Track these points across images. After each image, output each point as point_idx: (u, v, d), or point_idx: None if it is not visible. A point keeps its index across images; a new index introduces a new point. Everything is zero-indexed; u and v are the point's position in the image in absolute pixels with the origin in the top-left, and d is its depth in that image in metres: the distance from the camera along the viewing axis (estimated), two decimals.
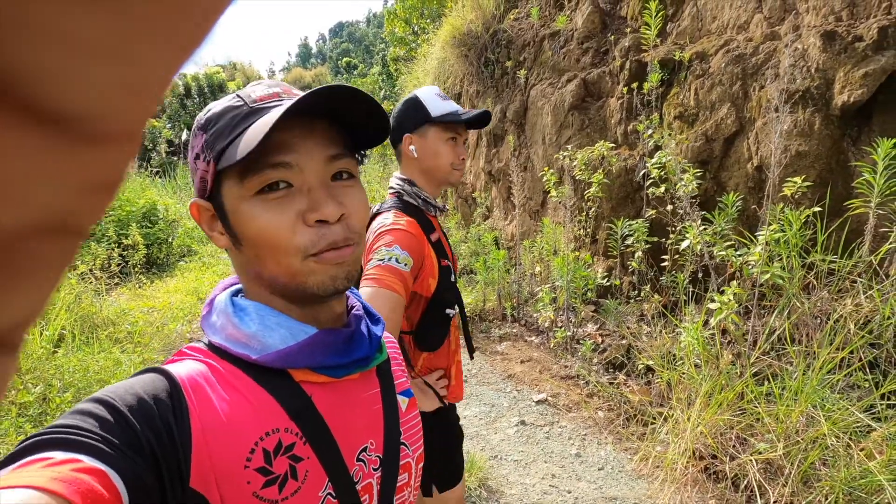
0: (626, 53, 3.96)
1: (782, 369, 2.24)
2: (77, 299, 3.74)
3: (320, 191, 0.51)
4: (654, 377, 2.79)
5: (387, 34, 14.40)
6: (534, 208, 4.88)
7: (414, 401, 0.66)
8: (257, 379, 0.50)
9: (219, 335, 0.52)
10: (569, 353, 3.49)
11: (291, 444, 0.49)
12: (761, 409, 2.07)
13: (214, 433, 0.45)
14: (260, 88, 0.54)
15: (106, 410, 0.41)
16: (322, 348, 0.52)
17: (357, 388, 0.57)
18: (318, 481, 0.50)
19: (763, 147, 2.90)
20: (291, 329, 0.52)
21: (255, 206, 0.50)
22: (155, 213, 7.78)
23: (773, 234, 2.32)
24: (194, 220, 0.54)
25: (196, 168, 0.53)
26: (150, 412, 0.43)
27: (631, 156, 3.71)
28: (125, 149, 0.11)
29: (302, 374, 0.52)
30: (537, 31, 5.10)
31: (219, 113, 0.52)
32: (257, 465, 0.47)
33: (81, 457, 0.36)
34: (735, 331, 2.46)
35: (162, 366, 0.49)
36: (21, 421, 2.22)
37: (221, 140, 0.50)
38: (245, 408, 0.48)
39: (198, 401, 0.46)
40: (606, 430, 2.64)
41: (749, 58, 3.07)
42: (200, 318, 0.56)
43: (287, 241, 0.49)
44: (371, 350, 0.57)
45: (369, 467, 0.56)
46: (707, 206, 3.10)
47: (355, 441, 0.55)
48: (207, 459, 0.44)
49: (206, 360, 0.51)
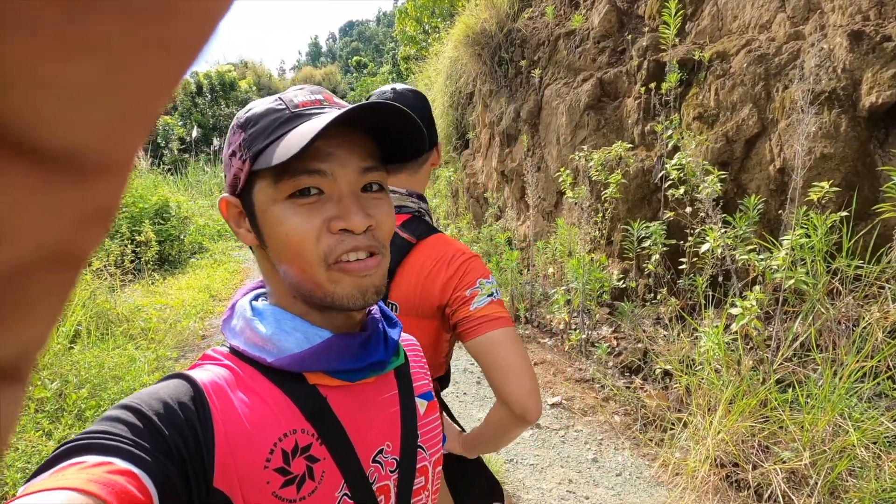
0: (643, 53, 3.91)
1: (807, 376, 2.19)
2: (92, 295, 3.76)
3: (350, 200, 0.51)
4: (672, 382, 2.75)
5: (397, 33, 14.39)
6: (547, 209, 4.84)
7: (434, 404, 0.65)
8: (274, 381, 0.51)
9: (238, 339, 0.53)
10: (583, 355, 3.45)
11: (308, 444, 0.50)
12: (785, 417, 2.02)
13: (236, 435, 0.47)
14: (302, 94, 0.54)
15: (134, 416, 0.42)
16: (337, 352, 0.52)
17: (373, 390, 0.57)
18: (334, 482, 0.51)
19: (787, 149, 2.85)
20: (307, 333, 0.52)
21: (286, 209, 0.50)
22: (167, 210, 7.82)
23: (797, 239, 2.27)
24: (222, 215, 0.55)
25: (230, 165, 0.53)
26: (176, 417, 0.44)
27: (648, 157, 3.66)
28: (118, 179, 0.11)
29: (317, 378, 0.53)
30: (552, 30, 5.05)
31: (260, 114, 0.52)
32: (276, 465, 0.48)
33: (114, 460, 0.37)
34: (757, 336, 2.41)
35: (185, 372, 0.50)
36: (39, 417, 2.22)
37: (259, 141, 0.51)
38: (264, 410, 0.49)
39: (220, 404, 0.47)
40: (623, 436, 2.60)
41: (772, 58, 3.01)
42: (222, 322, 0.57)
43: (311, 248, 0.50)
44: (387, 354, 0.57)
45: (386, 469, 0.56)
46: (727, 208, 3.04)
47: (371, 443, 0.55)
48: (230, 460, 0.45)
49: (228, 363, 0.52)
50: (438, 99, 7.45)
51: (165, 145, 18.50)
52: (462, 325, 0.93)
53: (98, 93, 0.10)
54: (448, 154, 7.34)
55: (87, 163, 0.10)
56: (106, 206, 0.11)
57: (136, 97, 0.10)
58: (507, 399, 0.89)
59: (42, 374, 2.52)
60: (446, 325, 0.99)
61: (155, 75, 0.10)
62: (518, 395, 0.88)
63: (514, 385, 0.88)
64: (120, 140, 0.10)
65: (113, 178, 0.11)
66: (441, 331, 1.01)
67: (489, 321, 0.91)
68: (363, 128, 0.52)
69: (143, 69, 0.10)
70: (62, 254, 0.11)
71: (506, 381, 0.89)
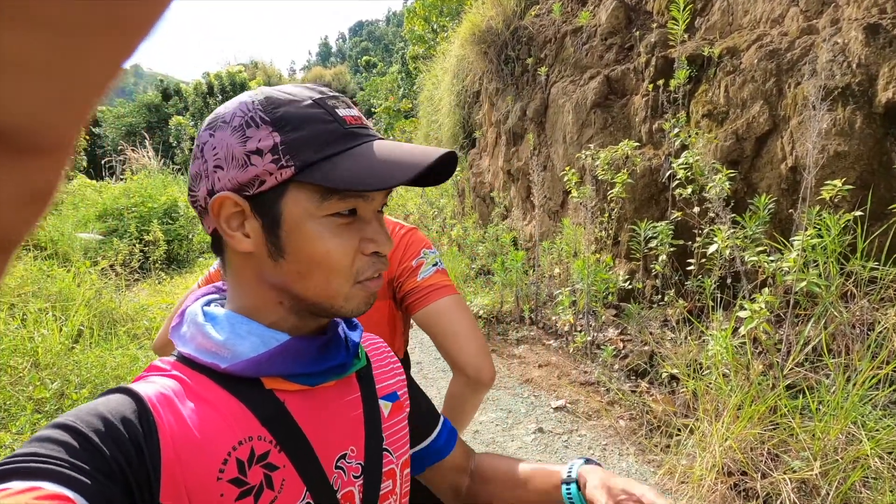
0: (651, 49, 3.83)
1: (819, 382, 2.12)
2: (97, 295, 3.78)
3: (377, 222, 0.52)
4: (679, 386, 2.68)
5: (406, 32, 14.37)
6: (553, 208, 4.78)
7: (399, 404, 0.64)
8: (227, 388, 0.49)
9: (188, 346, 0.51)
10: (588, 358, 3.39)
11: (265, 452, 0.48)
12: (796, 425, 1.95)
13: (185, 447, 0.44)
14: (342, 107, 0.51)
15: (69, 435, 0.39)
16: (294, 356, 0.51)
17: (334, 394, 0.55)
18: (295, 490, 0.49)
19: (799, 147, 2.76)
20: (262, 336, 0.50)
21: (326, 227, 0.49)
22: (176, 210, 7.87)
23: (809, 240, 2.19)
24: (211, 211, 0.49)
25: (247, 163, 0.47)
26: (117, 433, 0.41)
27: (656, 155, 3.59)
28: (57, 160, 0.11)
29: (274, 382, 0.51)
30: (559, 28, 4.98)
31: (299, 117, 0.48)
32: (230, 476, 0.45)
33: (43, 483, 0.35)
34: (767, 340, 2.34)
35: (128, 385, 0.47)
36: (37, 417, 2.22)
37: (308, 151, 0.47)
38: (215, 418, 0.47)
39: (167, 416, 0.45)
40: (628, 441, 2.54)
41: (784, 53, 2.92)
42: (170, 329, 0.54)
43: (346, 268, 0.50)
44: (348, 357, 0.55)
45: (349, 475, 0.54)
46: (737, 208, 2.96)
47: (333, 448, 0.53)
48: (179, 475, 0.43)
49: (175, 373, 0.50)
50: (445, 98, 7.41)
51: (177, 145, 18.68)
52: (410, 296, 0.96)
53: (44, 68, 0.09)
54: None
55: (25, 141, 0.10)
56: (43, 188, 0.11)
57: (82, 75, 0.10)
58: (459, 361, 0.93)
59: (42, 374, 2.52)
60: (397, 303, 1.02)
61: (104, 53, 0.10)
62: (469, 356, 0.92)
63: (465, 348, 0.92)
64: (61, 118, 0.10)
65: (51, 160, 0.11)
66: (394, 309, 1.02)
67: (436, 290, 0.94)
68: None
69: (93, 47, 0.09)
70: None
71: (457, 346, 0.93)
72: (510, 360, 3.68)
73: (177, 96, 22.99)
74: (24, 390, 2.36)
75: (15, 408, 2.22)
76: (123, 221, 7.19)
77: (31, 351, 2.62)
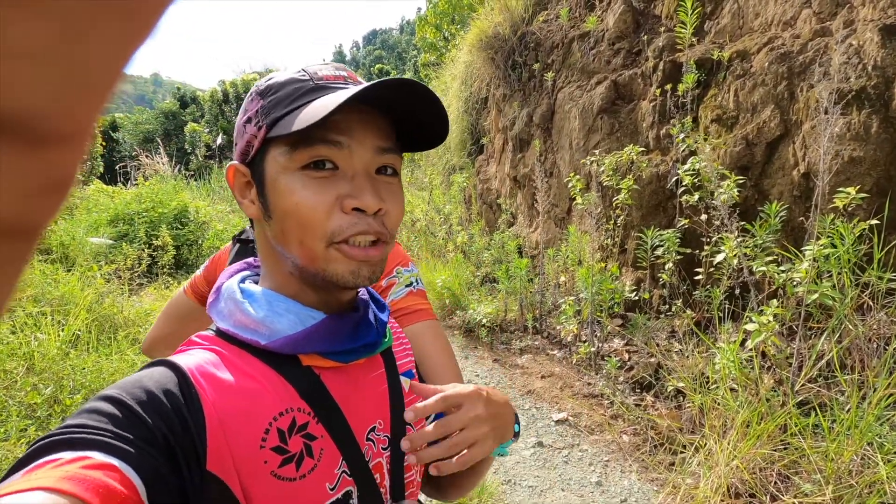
0: (659, 54, 3.75)
1: (832, 400, 2.00)
2: (100, 299, 3.78)
3: (364, 179, 0.50)
4: (685, 401, 2.57)
5: (418, 40, 14.45)
6: (559, 215, 4.70)
7: (415, 381, 0.64)
8: (267, 362, 0.51)
9: (227, 321, 0.52)
10: (592, 369, 3.29)
11: (305, 423, 0.50)
12: (807, 445, 1.84)
13: (229, 416, 0.46)
14: (326, 68, 0.53)
15: (115, 407, 0.41)
16: (331, 334, 0.52)
17: (364, 370, 0.57)
18: (332, 459, 0.51)
19: (811, 152, 2.65)
20: (300, 315, 0.51)
21: (297, 180, 0.49)
22: (186, 215, 7.94)
23: (822, 250, 2.09)
24: (228, 183, 0.55)
25: (244, 132, 0.52)
26: (161, 405, 0.42)
27: (663, 161, 3.50)
28: (75, 148, 0.11)
29: (311, 359, 0.52)
30: (566, 33, 4.93)
31: (281, 83, 0.52)
32: (273, 444, 0.47)
33: (91, 454, 0.35)
34: (777, 354, 2.23)
35: (169, 358, 0.48)
36: (26, 423, 2.20)
37: (278, 109, 0.50)
38: (257, 389, 0.48)
39: (209, 387, 0.46)
40: (631, 457, 2.44)
41: (796, 56, 2.83)
42: (208, 304, 0.56)
43: (319, 223, 0.49)
44: (378, 336, 0.57)
45: (378, 447, 0.56)
46: (747, 215, 2.86)
47: (364, 421, 0.55)
48: (224, 443, 0.44)
49: (214, 346, 0.51)
50: (454, 104, 7.38)
51: (192, 151, 18.95)
52: None
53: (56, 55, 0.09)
54: (462, 159, 7.26)
55: (41, 131, 0.10)
56: (61, 177, 0.11)
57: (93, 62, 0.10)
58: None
59: (36, 379, 2.51)
60: None
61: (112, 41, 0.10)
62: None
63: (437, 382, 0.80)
64: (76, 107, 0.10)
65: (69, 148, 0.11)
66: None
67: (406, 314, 0.84)
68: (383, 109, 0.52)
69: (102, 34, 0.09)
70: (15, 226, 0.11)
71: (428, 380, 0.80)
72: (512, 370, 3.59)
73: (193, 104, 23.39)
74: (17, 395, 2.34)
75: (3, 413, 2.20)
76: (134, 226, 7.26)
77: (25, 355, 2.61)
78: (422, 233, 7.03)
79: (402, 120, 0.53)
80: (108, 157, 18.43)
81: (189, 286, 1.02)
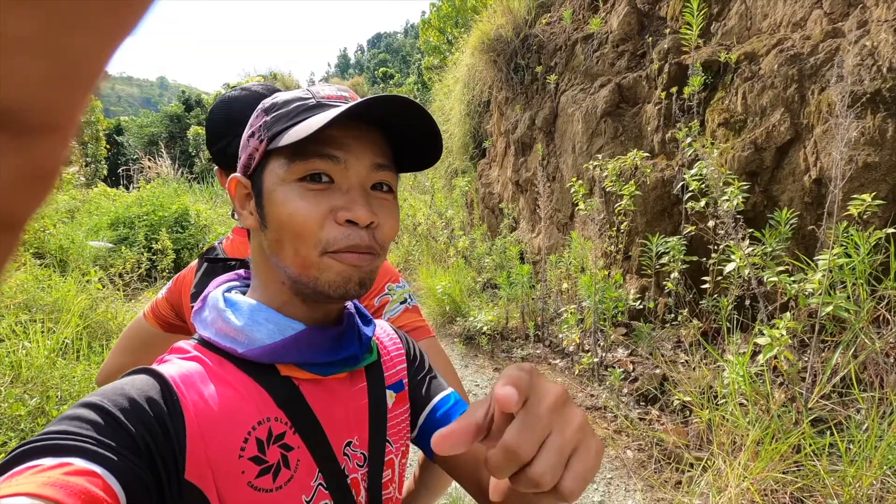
0: (664, 56, 3.66)
1: (848, 419, 1.90)
2: (94, 304, 3.72)
3: (358, 193, 0.51)
4: (692, 416, 2.47)
5: (422, 43, 14.42)
6: (562, 221, 4.61)
7: (403, 395, 0.63)
8: (246, 371, 0.50)
9: (209, 330, 0.53)
10: (595, 380, 3.19)
11: (282, 433, 0.49)
12: (822, 468, 1.74)
13: (208, 424, 0.45)
14: (329, 88, 0.55)
15: (96, 413, 0.41)
16: (309, 345, 0.52)
17: (345, 383, 0.56)
18: (309, 471, 0.50)
19: (823, 157, 2.56)
20: (279, 324, 0.52)
21: (294, 191, 0.50)
22: (187, 219, 7.89)
23: (836, 259, 1.99)
24: (230, 195, 0.56)
25: (247, 145, 0.54)
26: (143, 412, 0.42)
27: (668, 166, 3.40)
28: (60, 139, 0.11)
29: (288, 370, 0.52)
30: (570, 35, 4.85)
31: (285, 101, 0.54)
32: (251, 454, 0.47)
33: (72, 460, 0.36)
34: (789, 368, 2.13)
35: (151, 366, 0.48)
36: (8, 435, 2.13)
37: (280, 124, 0.51)
38: (236, 399, 0.48)
39: (190, 395, 0.46)
40: (636, 475, 2.34)
41: (806, 58, 2.74)
42: (193, 313, 0.56)
43: (312, 233, 0.49)
44: (360, 349, 0.56)
45: (353, 462, 0.55)
46: (756, 222, 2.76)
47: (341, 435, 0.54)
48: (203, 452, 0.44)
49: (196, 354, 0.51)
50: (456, 107, 7.31)
51: (196, 154, 18.97)
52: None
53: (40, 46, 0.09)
54: (464, 163, 7.18)
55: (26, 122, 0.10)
56: (47, 168, 0.11)
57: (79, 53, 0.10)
58: None
59: (22, 390, 2.44)
60: None
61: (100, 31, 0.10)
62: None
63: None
64: (62, 97, 0.10)
65: (54, 138, 0.11)
66: None
67: (417, 328, 0.83)
68: (380, 126, 0.53)
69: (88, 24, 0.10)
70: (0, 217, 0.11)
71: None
72: None
73: (198, 107, 23.45)
74: (0, 406, 2.27)
75: None
76: (134, 230, 7.21)
77: (12, 364, 2.54)
78: (423, 237, 6.96)
79: (398, 139, 0.54)
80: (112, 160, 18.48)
81: (150, 311, 0.95)
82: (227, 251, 0.92)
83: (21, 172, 0.10)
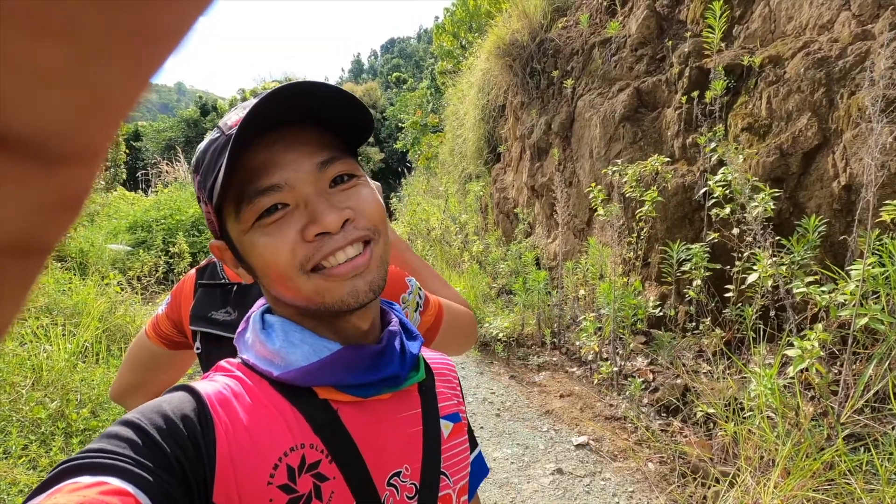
0: (685, 60, 3.61)
1: (885, 435, 1.83)
2: (113, 308, 3.76)
3: (318, 202, 0.48)
4: (716, 428, 2.41)
5: (435, 48, 14.44)
6: (579, 227, 4.55)
7: (460, 426, 0.60)
8: (283, 393, 0.49)
9: (249, 352, 0.52)
10: (615, 390, 3.13)
11: (317, 461, 0.47)
12: (858, 487, 1.67)
13: (240, 448, 0.44)
14: (234, 113, 0.51)
15: (133, 432, 0.41)
16: (345, 365, 0.49)
17: (392, 407, 0.53)
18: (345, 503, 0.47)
19: (853, 163, 2.48)
20: (314, 345, 0.50)
21: (255, 234, 0.48)
22: (203, 223, 7.97)
23: (870, 269, 1.92)
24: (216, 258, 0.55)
25: (204, 212, 0.52)
26: (178, 431, 0.42)
27: (690, 172, 3.34)
28: (89, 167, 0.11)
29: (326, 392, 0.50)
30: (586, 39, 4.81)
31: (203, 150, 0.51)
32: (280, 482, 0.45)
33: (109, 479, 0.36)
34: (820, 381, 2.06)
35: (191, 384, 0.48)
36: (29, 439, 2.15)
37: (209, 177, 0.49)
38: (270, 422, 0.47)
39: (225, 416, 0.45)
40: (658, 489, 2.28)
41: (834, 61, 2.66)
42: (236, 334, 0.55)
43: (287, 263, 0.47)
44: (403, 369, 0.53)
45: (402, 494, 0.51)
46: (782, 229, 2.69)
47: (386, 464, 0.51)
48: (231, 475, 0.43)
49: (238, 373, 0.50)
50: (470, 112, 7.29)
51: None
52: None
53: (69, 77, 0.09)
54: (478, 168, 7.16)
55: (55, 150, 0.10)
56: (74, 196, 0.11)
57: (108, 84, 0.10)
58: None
59: (43, 393, 2.46)
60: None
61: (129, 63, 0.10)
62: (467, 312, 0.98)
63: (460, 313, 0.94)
64: (91, 128, 0.10)
65: (82, 168, 0.11)
66: None
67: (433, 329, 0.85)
68: (297, 121, 0.48)
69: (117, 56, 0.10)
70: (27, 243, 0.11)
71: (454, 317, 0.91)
72: (530, 387, 3.45)
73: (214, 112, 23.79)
74: (22, 409, 2.30)
75: (5, 430, 2.15)
76: (152, 233, 7.31)
77: (33, 368, 2.57)
78: (437, 242, 6.94)
79: (329, 121, 0.50)
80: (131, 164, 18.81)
81: (150, 328, 0.91)
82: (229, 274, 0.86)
83: (50, 199, 0.10)
